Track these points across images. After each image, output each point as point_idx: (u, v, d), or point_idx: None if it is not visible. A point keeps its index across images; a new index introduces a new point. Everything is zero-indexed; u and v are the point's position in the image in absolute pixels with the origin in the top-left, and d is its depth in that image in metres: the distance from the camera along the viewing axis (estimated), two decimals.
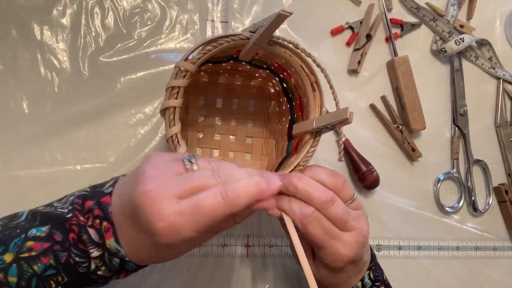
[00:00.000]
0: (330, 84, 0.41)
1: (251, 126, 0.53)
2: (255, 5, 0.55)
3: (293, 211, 0.36)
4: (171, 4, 0.53)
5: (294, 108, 0.48)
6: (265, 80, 0.52)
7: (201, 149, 0.51)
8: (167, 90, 0.38)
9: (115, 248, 0.31)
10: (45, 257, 0.30)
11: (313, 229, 0.36)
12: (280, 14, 0.34)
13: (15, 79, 0.48)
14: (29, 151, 0.47)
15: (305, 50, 0.40)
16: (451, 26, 0.60)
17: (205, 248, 0.51)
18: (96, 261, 0.31)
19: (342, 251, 0.37)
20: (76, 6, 0.50)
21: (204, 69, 0.49)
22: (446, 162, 0.60)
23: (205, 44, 0.38)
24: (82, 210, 0.32)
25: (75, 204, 0.32)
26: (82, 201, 0.32)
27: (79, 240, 0.31)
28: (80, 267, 0.31)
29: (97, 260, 0.31)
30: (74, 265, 0.31)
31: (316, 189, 0.36)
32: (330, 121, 0.37)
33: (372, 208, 0.56)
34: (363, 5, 0.59)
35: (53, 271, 0.30)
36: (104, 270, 0.32)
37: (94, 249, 0.31)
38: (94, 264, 0.31)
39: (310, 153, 0.40)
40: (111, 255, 0.31)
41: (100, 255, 0.31)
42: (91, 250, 0.31)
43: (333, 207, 0.36)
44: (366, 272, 0.41)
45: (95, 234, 0.31)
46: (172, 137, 0.38)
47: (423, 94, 0.58)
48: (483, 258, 0.60)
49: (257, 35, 0.38)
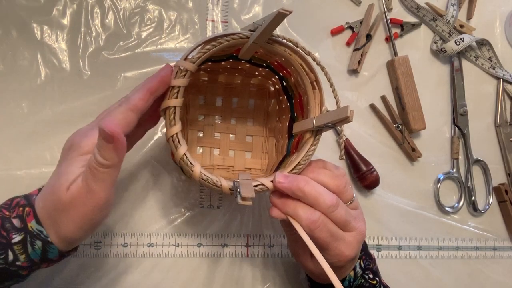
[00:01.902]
0: (330, 82, 0.41)
1: (251, 124, 0.53)
2: (255, 5, 0.55)
3: (300, 217, 0.37)
4: (171, 4, 0.53)
5: (294, 106, 0.48)
6: (264, 78, 0.52)
7: (202, 148, 0.51)
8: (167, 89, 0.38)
9: (37, 230, 0.34)
10: None
11: (319, 233, 0.37)
12: (280, 13, 0.34)
13: (15, 79, 0.48)
14: (29, 151, 0.47)
15: (305, 49, 0.40)
16: (451, 26, 0.60)
17: (205, 248, 0.51)
18: (17, 247, 0.33)
19: (346, 252, 0.39)
20: (76, 6, 0.50)
21: (203, 68, 0.49)
22: (446, 162, 0.60)
23: (205, 43, 0.38)
24: (10, 206, 0.35)
25: (3, 204, 0.36)
26: (11, 201, 0.36)
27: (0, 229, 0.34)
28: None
29: (18, 246, 0.33)
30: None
31: (322, 194, 0.37)
32: (330, 119, 0.37)
33: (372, 208, 0.56)
34: (363, 5, 0.59)
35: None
36: (24, 259, 0.34)
37: (16, 234, 0.33)
38: (12, 254, 0.33)
39: (310, 151, 0.40)
40: (33, 237, 0.34)
41: (23, 238, 0.34)
42: (13, 236, 0.33)
43: (337, 210, 0.37)
44: (358, 261, 0.44)
45: (18, 221, 0.34)
46: (173, 136, 0.38)
47: (423, 94, 0.58)
48: (483, 258, 0.60)
49: (257, 34, 0.38)
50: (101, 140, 0.32)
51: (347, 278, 0.43)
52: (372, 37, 0.58)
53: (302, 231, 0.37)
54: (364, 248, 0.46)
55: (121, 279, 0.48)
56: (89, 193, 0.33)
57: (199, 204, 0.51)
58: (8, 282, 0.35)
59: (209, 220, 0.51)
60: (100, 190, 0.33)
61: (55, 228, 0.34)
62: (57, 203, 0.33)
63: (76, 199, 0.33)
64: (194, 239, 0.51)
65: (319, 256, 0.36)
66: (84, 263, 0.47)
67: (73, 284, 0.47)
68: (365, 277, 0.44)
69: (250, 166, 0.52)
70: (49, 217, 0.34)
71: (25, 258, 0.34)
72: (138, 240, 0.49)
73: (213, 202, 0.52)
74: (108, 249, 0.48)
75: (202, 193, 0.52)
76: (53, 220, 0.34)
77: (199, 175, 0.37)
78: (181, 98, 0.38)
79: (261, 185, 0.38)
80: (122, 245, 0.49)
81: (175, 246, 0.50)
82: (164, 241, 0.50)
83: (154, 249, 0.50)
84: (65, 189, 0.33)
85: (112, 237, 0.49)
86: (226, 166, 0.51)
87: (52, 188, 0.34)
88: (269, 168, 0.50)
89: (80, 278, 0.47)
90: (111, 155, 0.33)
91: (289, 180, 0.37)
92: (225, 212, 0.52)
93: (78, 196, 0.33)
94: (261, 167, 0.52)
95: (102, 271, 0.48)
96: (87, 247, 0.48)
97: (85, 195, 0.33)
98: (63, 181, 0.33)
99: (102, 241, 0.48)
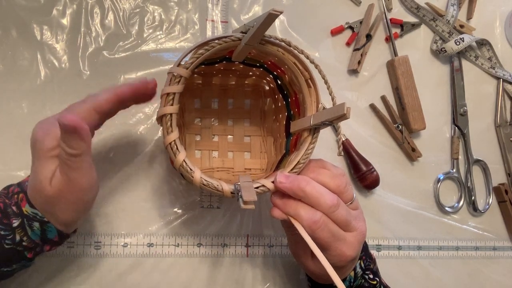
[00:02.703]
0: (325, 79, 0.41)
1: (248, 125, 0.53)
2: (255, 5, 0.55)
3: (301, 217, 0.37)
4: (171, 4, 0.53)
5: (290, 104, 0.48)
6: (259, 78, 0.52)
7: (200, 152, 0.51)
8: (162, 96, 0.38)
9: (32, 212, 0.36)
10: None
11: (321, 233, 0.37)
12: (271, 14, 0.33)
13: (15, 79, 0.48)
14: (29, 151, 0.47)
15: (298, 47, 0.40)
16: (451, 26, 0.60)
17: (205, 248, 0.51)
18: (18, 230, 0.36)
19: (347, 252, 0.39)
20: (76, 6, 0.50)
21: (197, 72, 0.49)
22: (446, 162, 0.60)
23: (197, 48, 0.38)
24: (7, 194, 0.37)
25: (2, 192, 0.38)
26: (7, 189, 0.38)
27: (4, 216, 0.36)
28: (6, 239, 0.35)
29: (19, 230, 0.36)
30: (0, 239, 0.35)
31: (323, 194, 0.37)
32: (327, 117, 0.37)
33: (372, 208, 0.56)
34: (363, 5, 0.59)
35: None
36: (26, 241, 0.36)
37: (15, 219, 0.36)
38: (18, 235, 0.36)
39: (309, 150, 0.40)
40: (30, 220, 0.36)
41: (21, 222, 0.36)
42: (13, 221, 0.36)
43: (338, 210, 0.37)
44: (358, 261, 0.44)
45: (15, 207, 0.36)
46: (171, 144, 0.37)
47: (423, 94, 0.58)
48: (483, 258, 0.60)
49: (249, 35, 0.38)
50: (64, 134, 0.33)
51: (347, 278, 0.43)
52: (372, 37, 0.58)
53: (303, 231, 0.37)
54: (365, 248, 0.46)
55: (121, 279, 0.48)
56: (71, 182, 0.34)
57: (199, 204, 0.51)
58: (16, 264, 0.37)
59: (209, 220, 0.51)
60: (79, 176, 0.35)
61: (53, 217, 0.36)
62: (46, 199, 0.35)
63: (62, 190, 0.34)
64: (194, 239, 0.51)
65: (321, 256, 0.36)
66: (84, 263, 0.47)
67: (73, 284, 0.47)
68: (365, 277, 0.44)
69: (249, 167, 0.52)
70: (44, 209, 0.36)
71: (27, 239, 0.36)
72: (138, 240, 0.49)
73: (213, 202, 0.52)
74: (108, 249, 0.48)
75: (202, 193, 0.52)
76: (48, 212, 0.36)
77: (200, 180, 0.37)
78: (177, 105, 0.38)
79: (262, 186, 0.38)
80: (122, 245, 0.49)
81: (175, 246, 0.50)
82: (164, 241, 0.50)
83: (154, 249, 0.50)
84: (47, 185, 0.34)
85: (112, 237, 0.49)
86: (226, 168, 0.51)
87: (36, 187, 0.35)
88: (269, 167, 0.50)
89: (80, 278, 0.47)
90: (78, 144, 0.33)
91: (290, 180, 0.37)
92: (225, 212, 0.52)
93: (62, 187, 0.34)
94: (261, 166, 0.52)
95: (102, 271, 0.48)
96: (87, 247, 0.48)
97: (68, 184, 0.34)
98: (43, 179, 0.34)
99: (102, 241, 0.48)
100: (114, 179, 0.49)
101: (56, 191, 0.34)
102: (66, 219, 0.36)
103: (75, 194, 0.35)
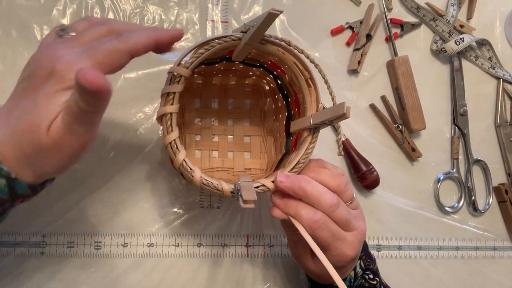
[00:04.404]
0: (325, 79, 0.41)
1: (248, 124, 0.53)
2: (255, 5, 0.55)
3: (302, 217, 0.37)
4: (171, 4, 0.53)
5: (290, 104, 0.48)
6: (259, 78, 0.52)
7: (200, 151, 0.51)
8: (162, 96, 0.38)
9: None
10: None
11: (321, 233, 0.37)
12: (271, 13, 0.34)
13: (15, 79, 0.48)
14: None
15: (298, 47, 0.40)
16: (451, 26, 0.60)
17: (205, 248, 0.51)
18: None
19: (347, 251, 0.39)
20: (76, 6, 0.50)
21: (197, 71, 0.49)
22: (446, 162, 0.60)
23: (197, 47, 0.38)
24: None
25: None
26: None
27: None
28: None
29: None
30: None
31: (323, 193, 0.37)
32: (327, 117, 0.37)
33: (372, 208, 0.56)
34: (363, 5, 0.59)
35: None
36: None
37: None
38: None
39: (310, 149, 0.40)
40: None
41: None
42: None
43: (338, 210, 0.38)
44: (358, 261, 0.44)
45: None
46: (171, 143, 0.37)
47: (423, 94, 0.58)
48: (483, 258, 0.60)
49: (249, 35, 0.38)
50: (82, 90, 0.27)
51: (347, 278, 0.43)
52: (372, 37, 0.58)
53: (304, 231, 0.37)
54: (365, 248, 0.46)
55: (121, 279, 0.48)
56: (73, 135, 0.30)
57: (199, 204, 0.51)
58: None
59: (209, 220, 0.51)
60: (85, 131, 0.30)
61: (33, 168, 0.31)
62: (36, 145, 0.30)
63: (60, 141, 0.29)
64: (194, 239, 0.51)
65: (321, 255, 0.36)
66: (84, 263, 0.47)
67: (73, 285, 0.47)
68: (365, 277, 0.44)
69: (249, 167, 0.52)
70: (25, 156, 0.30)
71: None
72: (138, 240, 0.49)
73: (213, 202, 0.52)
74: (108, 249, 0.48)
75: (202, 193, 0.52)
76: (31, 160, 0.30)
77: (200, 180, 0.37)
78: (177, 104, 0.38)
79: (262, 186, 0.38)
80: (122, 245, 0.49)
81: (175, 246, 0.50)
82: (164, 241, 0.50)
83: (154, 249, 0.50)
84: (45, 130, 0.29)
85: (112, 237, 0.49)
86: (226, 168, 0.51)
87: (30, 127, 0.29)
88: (269, 167, 0.50)
89: (80, 278, 0.47)
90: (97, 102, 0.28)
91: (290, 179, 0.37)
92: (225, 212, 0.52)
93: (61, 138, 0.29)
94: (261, 166, 0.52)
95: (102, 271, 0.48)
96: (87, 247, 0.48)
97: (69, 137, 0.29)
98: (44, 120, 0.29)
99: (102, 241, 0.48)
100: (114, 179, 0.49)
101: (53, 141, 0.29)
102: (50, 171, 0.31)
103: (74, 149, 0.30)
